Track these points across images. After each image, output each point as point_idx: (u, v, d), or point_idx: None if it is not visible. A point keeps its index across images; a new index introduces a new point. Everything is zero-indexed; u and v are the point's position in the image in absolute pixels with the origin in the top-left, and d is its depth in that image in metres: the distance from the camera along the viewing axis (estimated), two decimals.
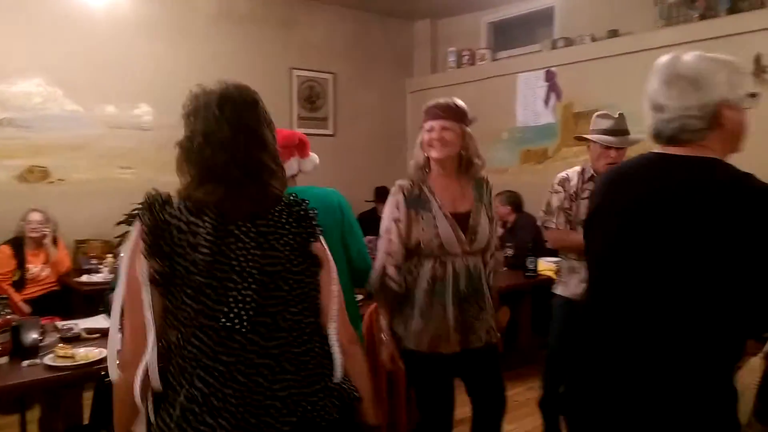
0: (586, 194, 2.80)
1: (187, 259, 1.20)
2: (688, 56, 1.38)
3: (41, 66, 4.80)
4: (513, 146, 5.71)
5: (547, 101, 5.46)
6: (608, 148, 2.73)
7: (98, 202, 4.89)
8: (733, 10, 4.33)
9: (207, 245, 1.20)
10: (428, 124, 2.20)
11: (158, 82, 5.25)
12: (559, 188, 2.89)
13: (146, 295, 1.19)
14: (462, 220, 2.21)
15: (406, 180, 2.25)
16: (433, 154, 2.20)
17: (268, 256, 1.26)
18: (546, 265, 4.22)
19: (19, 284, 4.20)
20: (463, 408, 2.41)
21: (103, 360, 2.29)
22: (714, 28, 4.39)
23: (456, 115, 2.20)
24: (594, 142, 2.76)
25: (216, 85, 1.32)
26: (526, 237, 4.49)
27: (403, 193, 2.21)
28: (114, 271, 4.11)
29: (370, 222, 5.30)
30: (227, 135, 1.25)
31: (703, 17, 4.48)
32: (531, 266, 4.13)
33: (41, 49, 4.81)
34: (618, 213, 1.42)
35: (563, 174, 2.93)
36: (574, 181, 2.87)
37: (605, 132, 2.75)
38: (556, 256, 4.39)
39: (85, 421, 2.75)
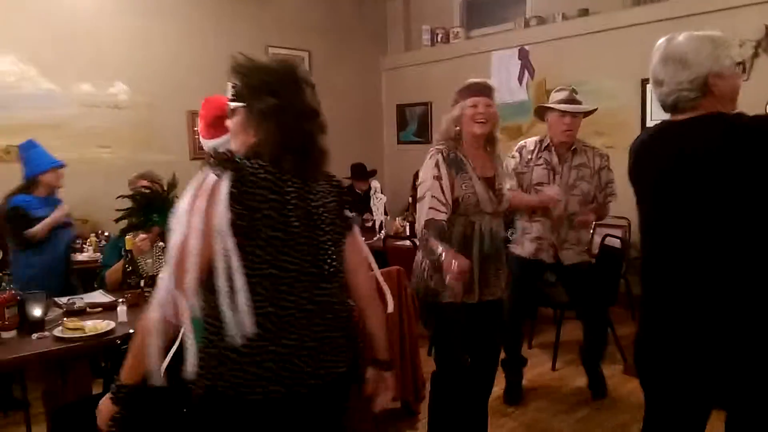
0: (540, 161, 3.17)
1: (271, 211, 1.32)
2: (680, 37, 1.59)
3: (14, 44, 4.70)
4: None
5: (520, 79, 5.62)
6: (564, 115, 3.08)
7: (77, 181, 4.84)
8: None
9: (295, 200, 1.36)
10: (471, 100, 2.39)
11: (133, 60, 5.20)
12: (516, 154, 3.23)
13: (219, 244, 1.27)
14: (490, 184, 2.44)
15: (441, 145, 2.44)
16: (477, 129, 2.39)
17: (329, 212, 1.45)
18: None
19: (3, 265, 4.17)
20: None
21: (112, 331, 2.36)
22: (681, 7, 4.59)
23: (493, 93, 2.45)
24: (552, 110, 3.12)
25: (285, 60, 1.48)
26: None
27: (442, 155, 2.39)
28: (101, 250, 4.12)
29: (349, 198, 5.41)
30: (308, 107, 1.43)
31: None
32: (512, 237, 4.26)
33: (14, 26, 4.70)
34: (658, 173, 1.59)
35: (522, 142, 3.27)
36: (530, 148, 3.21)
37: (560, 102, 3.11)
38: None
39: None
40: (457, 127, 2.42)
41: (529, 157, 3.21)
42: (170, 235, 1.31)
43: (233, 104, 1.44)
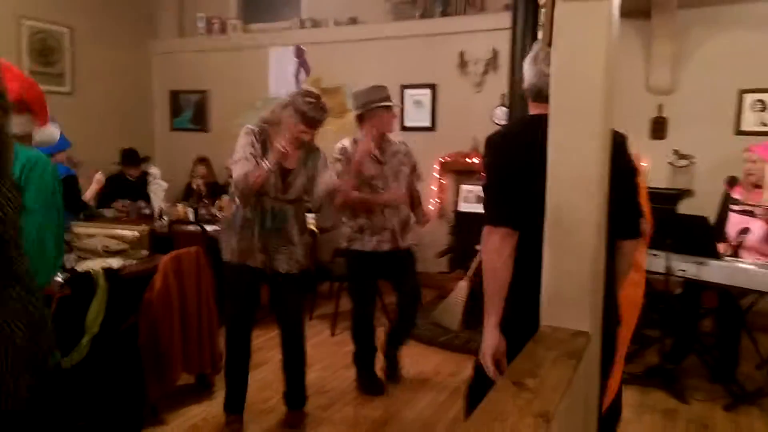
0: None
1: None
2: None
3: None
4: None
5: (297, 75, 6.03)
6: (390, 110, 3.39)
7: None
8: (444, 13, 5.44)
9: None
10: (302, 126, 2.74)
11: None
12: (340, 156, 3.42)
13: None
14: (284, 174, 2.81)
15: (257, 126, 2.80)
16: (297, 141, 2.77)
17: None
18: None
19: None
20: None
21: None
22: (430, 27, 5.45)
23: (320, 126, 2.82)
24: (381, 108, 3.33)
25: None
26: None
27: (254, 135, 2.77)
28: None
29: (120, 184, 5.22)
30: None
31: (423, 16, 5.51)
32: None
33: None
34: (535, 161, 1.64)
35: (339, 144, 3.45)
36: (350, 149, 3.43)
37: (383, 99, 3.37)
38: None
39: None
40: (279, 124, 2.77)
41: (349, 156, 3.40)
42: None
43: None
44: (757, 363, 3.77)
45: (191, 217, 4.84)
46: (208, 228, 4.45)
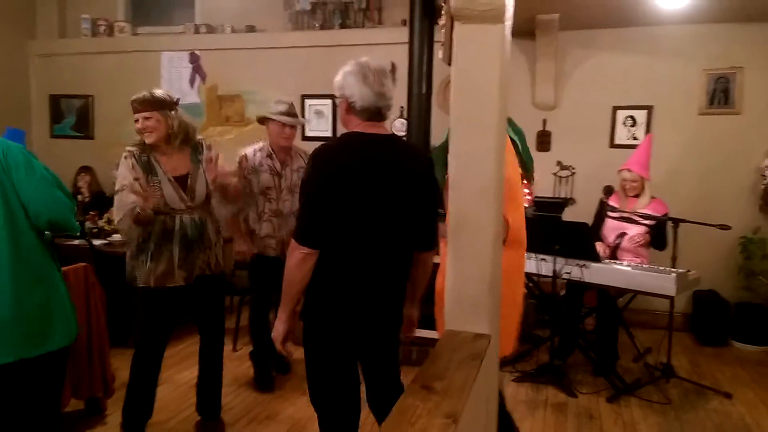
0: (264, 168, 3.49)
1: None
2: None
3: None
4: None
5: (192, 82, 5.83)
6: (284, 126, 3.45)
7: None
8: (343, 25, 5.50)
9: None
10: (135, 116, 2.66)
11: None
12: (238, 164, 3.48)
13: None
14: (182, 182, 2.71)
15: (135, 147, 2.68)
16: (146, 140, 2.67)
17: None
18: None
19: None
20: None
21: None
22: (330, 38, 5.49)
23: (152, 105, 2.65)
24: (274, 121, 3.44)
25: None
26: None
27: (134, 157, 2.65)
28: None
29: None
30: None
31: (322, 27, 5.54)
32: None
33: None
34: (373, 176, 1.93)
35: (243, 151, 3.53)
36: (252, 157, 3.50)
37: (283, 114, 3.45)
38: None
39: None
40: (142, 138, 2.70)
41: (253, 164, 3.47)
42: None
43: None
44: (634, 356, 4.13)
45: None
46: (96, 242, 4.19)
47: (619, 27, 4.80)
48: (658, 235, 3.89)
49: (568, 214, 4.58)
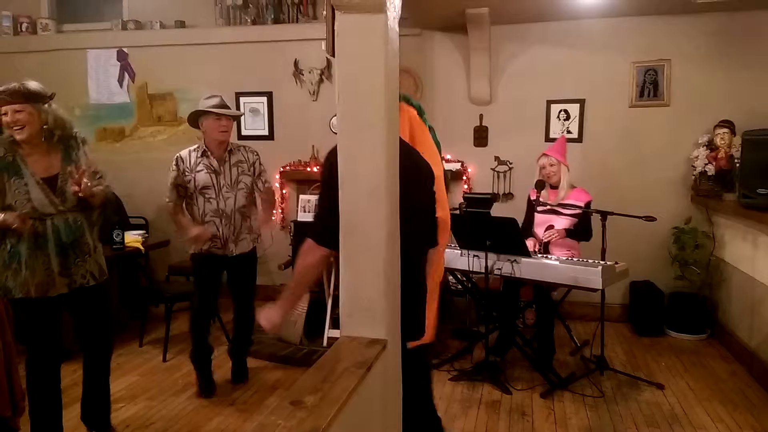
0: (201, 168, 3.36)
1: None
2: None
3: None
4: (87, 123, 5.60)
5: (120, 81, 5.60)
6: (219, 118, 3.33)
7: None
8: (276, 20, 5.36)
9: None
10: (3, 110, 2.41)
11: None
12: (174, 167, 3.37)
13: None
14: (52, 184, 2.51)
15: None
16: (16, 136, 2.44)
17: None
18: (132, 238, 4.49)
19: None
20: None
21: None
22: (263, 33, 5.35)
23: (27, 97, 2.44)
24: (208, 115, 3.33)
25: None
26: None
27: None
28: None
29: None
30: None
31: (254, 23, 5.39)
32: (118, 239, 4.28)
33: None
34: None
35: (177, 155, 3.40)
36: (188, 158, 3.37)
37: (215, 106, 3.35)
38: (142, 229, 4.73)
39: None
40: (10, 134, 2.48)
41: (189, 166, 3.34)
42: None
43: None
44: (571, 350, 4.15)
45: None
46: None
47: (550, 21, 4.80)
48: (582, 225, 3.92)
49: (508, 210, 4.57)
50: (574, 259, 3.60)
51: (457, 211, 3.82)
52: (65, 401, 2.88)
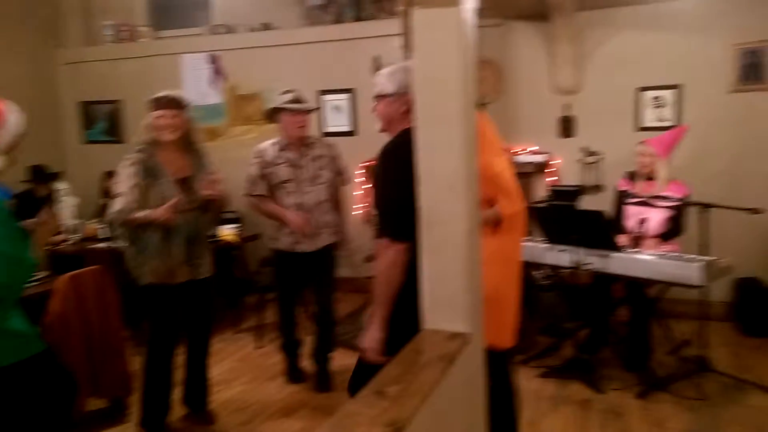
0: (281, 161, 3.40)
1: None
2: None
3: None
4: None
5: (213, 83, 5.88)
6: (296, 114, 3.35)
7: None
8: (357, 18, 5.43)
9: None
10: (157, 113, 2.75)
11: None
12: (255, 160, 3.42)
13: None
14: (185, 184, 2.83)
15: (139, 154, 2.77)
16: (165, 137, 2.77)
17: None
18: (228, 231, 4.69)
19: None
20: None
21: None
22: (344, 31, 5.43)
23: (179, 105, 2.80)
24: (285, 111, 3.35)
25: None
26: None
27: (138, 164, 2.75)
28: None
29: (28, 203, 4.94)
30: None
31: (336, 22, 5.49)
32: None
33: None
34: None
35: (257, 147, 3.46)
36: (268, 151, 3.42)
37: (290, 102, 3.36)
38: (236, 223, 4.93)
39: None
40: (152, 134, 2.78)
41: (269, 159, 3.38)
42: None
43: None
44: (669, 349, 3.91)
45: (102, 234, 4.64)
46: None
47: (639, 4, 4.56)
48: (674, 220, 3.69)
49: (598, 203, 4.38)
50: (669, 254, 3.40)
51: (543, 204, 3.72)
52: None
